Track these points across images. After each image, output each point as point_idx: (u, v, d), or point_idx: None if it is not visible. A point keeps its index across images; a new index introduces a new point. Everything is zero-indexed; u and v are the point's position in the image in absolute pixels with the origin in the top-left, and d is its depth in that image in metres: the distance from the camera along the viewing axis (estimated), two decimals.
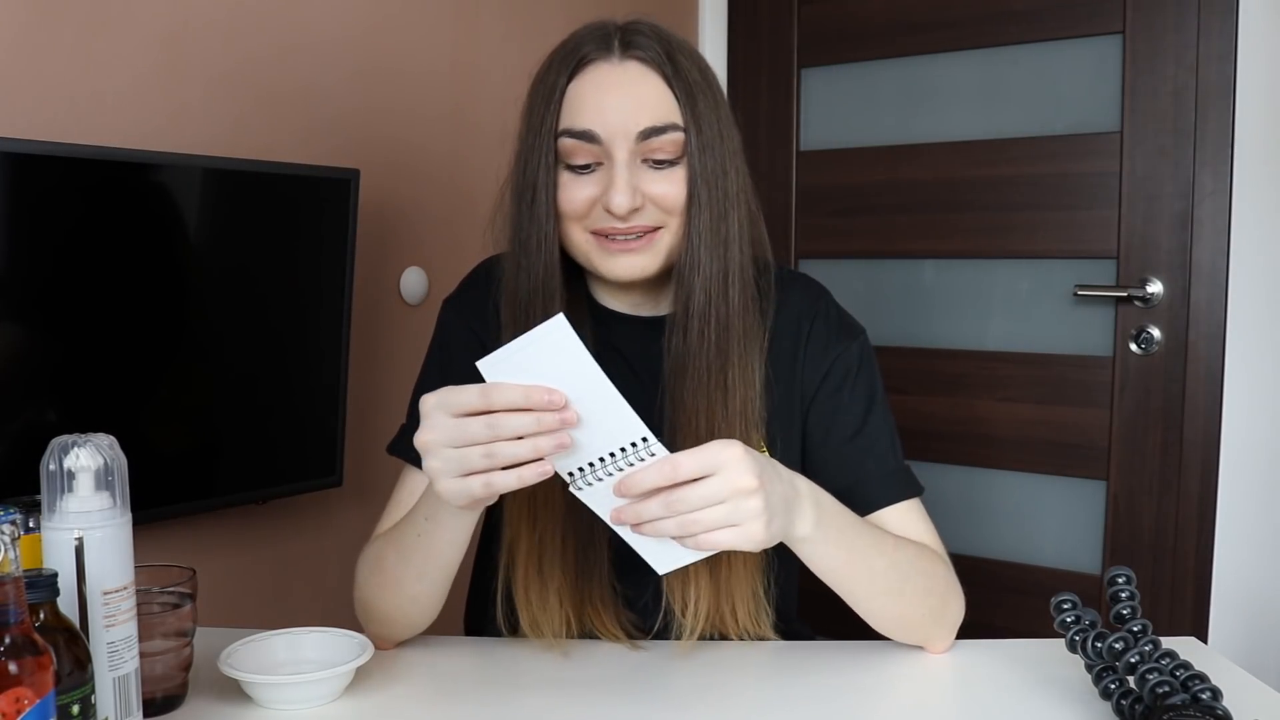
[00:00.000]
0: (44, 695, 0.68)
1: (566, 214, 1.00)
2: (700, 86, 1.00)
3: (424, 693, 0.99)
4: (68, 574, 0.77)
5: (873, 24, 2.18)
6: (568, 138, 0.99)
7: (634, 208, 0.98)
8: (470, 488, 0.82)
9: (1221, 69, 1.82)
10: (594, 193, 0.99)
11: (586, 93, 0.99)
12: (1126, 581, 0.93)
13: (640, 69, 0.99)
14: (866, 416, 1.10)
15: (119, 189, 1.35)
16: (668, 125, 0.98)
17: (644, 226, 1.00)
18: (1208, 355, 1.88)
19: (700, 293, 1.00)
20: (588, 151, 0.99)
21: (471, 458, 0.80)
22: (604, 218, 1.00)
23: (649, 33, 1.01)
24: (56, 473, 0.79)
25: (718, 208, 1.00)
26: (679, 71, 0.99)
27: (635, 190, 0.98)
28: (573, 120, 0.99)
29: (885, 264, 2.22)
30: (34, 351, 1.30)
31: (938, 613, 1.05)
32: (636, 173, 0.99)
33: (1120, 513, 1.97)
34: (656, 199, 0.99)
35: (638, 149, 0.98)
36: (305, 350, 1.62)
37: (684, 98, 0.99)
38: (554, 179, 1.00)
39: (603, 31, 1.01)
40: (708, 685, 1.01)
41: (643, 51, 0.99)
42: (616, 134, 0.98)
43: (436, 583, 1.01)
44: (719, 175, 1.00)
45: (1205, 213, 1.86)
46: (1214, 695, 0.85)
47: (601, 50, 1.00)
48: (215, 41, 1.55)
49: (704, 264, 1.00)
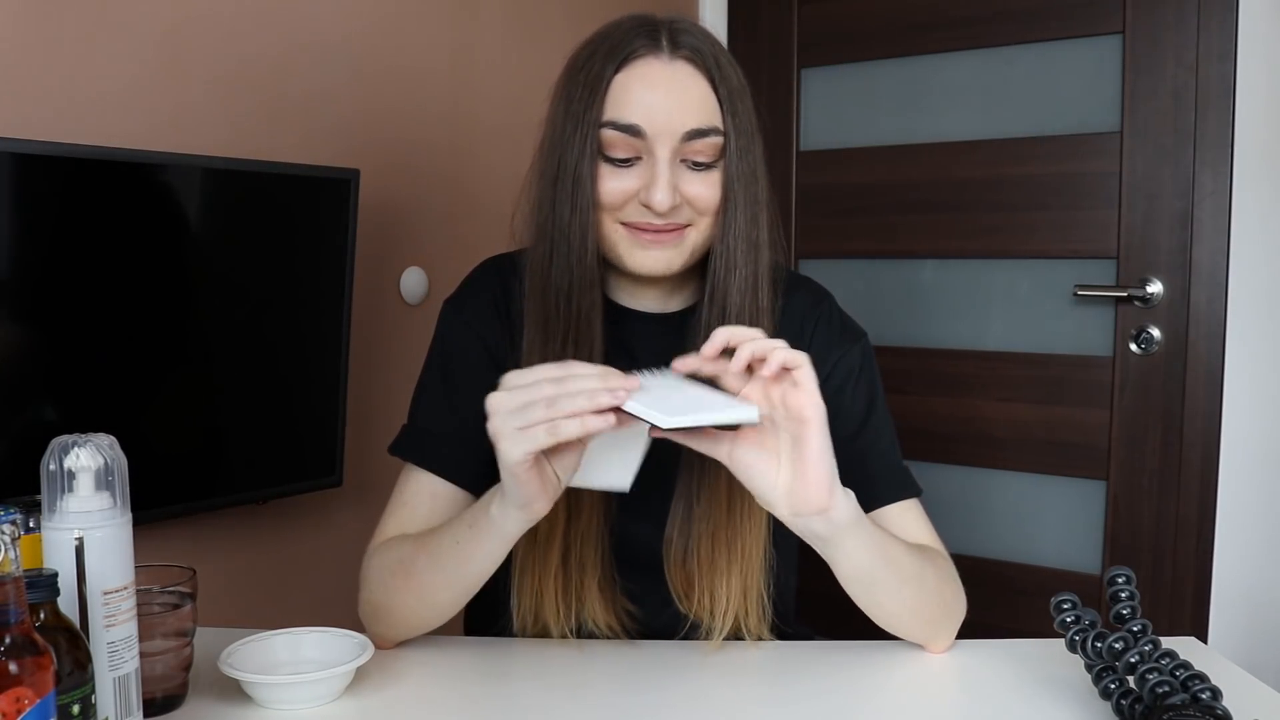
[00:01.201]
0: (44, 695, 0.68)
1: (603, 205, 1.01)
2: (739, 92, 1.02)
3: (424, 692, 0.99)
4: (68, 574, 0.77)
5: (873, 24, 2.18)
6: (611, 129, 0.99)
7: (673, 205, 0.99)
8: (531, 436, 0.82)
9: (1221, 69, 1.82)
10: (633, 186, 1.00)
11: (634, 87, 0.99)
12: (1126, 581, 0.93)
13: (689, 70, 1.00)
14: (867, 417, 1.11)
15: (119, 189, 1.35)
16: (710, 129, 1.00)
17: (677, 223, 1.02)
18: (1208, 355, 1.87)
19: (735, 294, 1.02)
20: (629, 145, 0.99)
21: (533, 410, 0.81)
22: (639, 212, 1.01)
23: (696, 33, 1.02)
24: (57, 473, 0.78)
25: (750, 210, 1.02)
26: (724, 76, 1.01)
27: (675, 189, 0.99)
28: (618, 113, 0.99)
29: (885, 264, 2.21)
30: (34, 351, 1.30)
31: (948, 608, 1.06)
32: (676, 172, 1.00)
33: (1120, 513, 1.97)
34: (692, 199, 1.01)
35: (680, 149, 0.99)
36: (305, 350, 1.61)
37: (726, 102, 1.00)
38: (595, 169, 1.00)
39: (650, 25, 1.01)
40: (709, 685, 1.01)
41: (692, 52, 1.00)
42: (662, 132, 0.99)
43: (461, 594, 1.01)
44: (752, 179, 1.02)
45: (1205, 212, 1.86)
46: (1214, 695, 0.84)
47: (651, 46, 1.00)
48: (215, 41, 1.55)
49: (740, 266, 1.02)
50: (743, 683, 1.03)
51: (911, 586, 1.02)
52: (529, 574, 1.04)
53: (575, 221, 1.00)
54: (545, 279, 1.03)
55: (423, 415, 1.12)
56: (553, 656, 1.05)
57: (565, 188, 1.00)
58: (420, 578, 1.00)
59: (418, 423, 1.12)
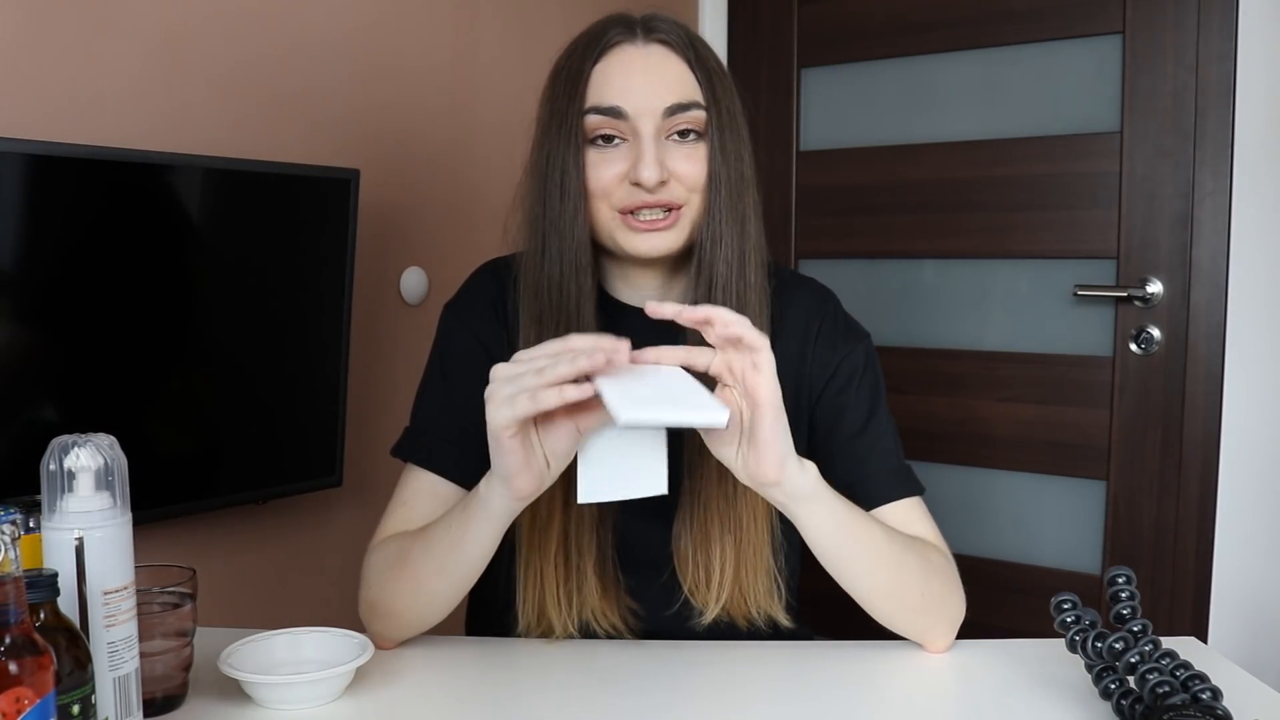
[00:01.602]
0: (44, 695, 0.68)
1: (594, 191, 1.03)
2: (718, 73, 1.05)
3: (425, 692, 0.99)
4: (68, 574, 0.77)
5: (873, 24, 2.17)
6: (594, 114, 1.02)
7: (661, 180, 1.01)
8: (518, 402, 0.84)
9: (1221, 68, 1.82)
10: (621, 169, 1.02)
11: (613, 72, 1.03)
12: (1126, 581, 0.93)
13: (664, 51, 1.04)
14: (870, 416, 1.12)
15: (118, 189, 1.35)
16: (691, 103, 1.02)
17: (669, 202, 1.03)
18: (1207, 355, 1.87)
19: (723, 265, 1.03)
20: (613, 126, 1.02)
21: (524, 378, 0.84)
22: (631, 193, 1.02)
23: (670, 23, 1.06)
24: (57, 472, 0.79)
25: (735, 186, 1.04)
26: (700, 56, 1.04)
27: (662, 164, 1.01)
28: (599, 98, 1.02)
29: (885, 264, 2.21)
30: (34, 351, 1.29)
31: (938, 600, 1.05)
32: (662, 148, 1.02)
33: (1120, 513, 1.97)
34: (680, 176, 1.03)
35: (663, 125, 1.02)
36: (305, 350, 1.62)
37: (704, 79, 1.04)
38: (581, 157, 1.02)
39: (625, 19, 1.05)
40: (710, 685, 1.02)
41: (666, 35, 1.04)
42: (643, 110, 1.01)
43: (455, 585, 1.01)
44: (736, 157, 1.04)
45: (1205, 212, 1.85)
46: (1214, 695, 0.84)
47: (626, 34, 1.04)
48: (215, 41, 1.55)
49: (725, 240, 1.03)
50: (745, 682, 1.03)
51: (888, 570, 1.02)
52: (531, 569, 1.05)
53: (565, 209, 1.02)
54: (538, 272, 1.05)
55: (423, 416, 1.13)
56: (553, 656, 1.05)
57: (555, 179, 1.03)
58: (415, 568, 1.01)
59: (419, 424, 1.13)
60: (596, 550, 1.05)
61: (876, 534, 1.01)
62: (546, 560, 1.04)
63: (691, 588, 1.06)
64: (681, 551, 1.06)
